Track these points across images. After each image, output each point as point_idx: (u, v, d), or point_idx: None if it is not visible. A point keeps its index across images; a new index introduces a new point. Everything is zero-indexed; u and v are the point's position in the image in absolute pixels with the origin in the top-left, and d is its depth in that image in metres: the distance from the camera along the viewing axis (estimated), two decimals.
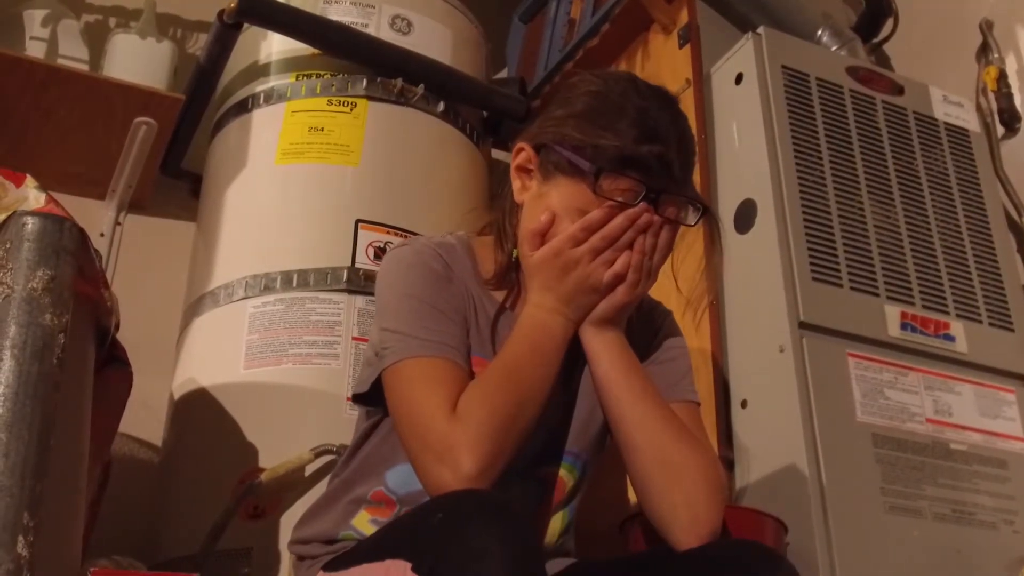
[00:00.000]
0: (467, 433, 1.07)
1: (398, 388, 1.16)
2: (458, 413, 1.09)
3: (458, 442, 1.07)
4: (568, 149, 1.20)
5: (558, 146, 1.21)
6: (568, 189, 1.20)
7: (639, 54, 2.17)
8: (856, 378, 1.65)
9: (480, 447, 1.07)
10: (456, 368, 1.15)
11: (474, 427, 1.08)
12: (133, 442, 1.96)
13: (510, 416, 1.11)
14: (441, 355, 1.15)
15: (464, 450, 1.06)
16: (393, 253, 1.28)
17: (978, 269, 1.89)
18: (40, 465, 0.98)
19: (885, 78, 2.01)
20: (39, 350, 1.02)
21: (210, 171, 2.05)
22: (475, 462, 1.06)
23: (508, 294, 1.27)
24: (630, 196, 1.18)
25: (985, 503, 1.66)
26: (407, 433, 1.13)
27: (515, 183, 1.27)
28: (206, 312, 1.81)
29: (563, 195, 1.20)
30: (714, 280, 1.26)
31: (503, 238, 1.28)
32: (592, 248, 1.17)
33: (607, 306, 1.20)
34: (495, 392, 1.12)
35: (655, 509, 1.16)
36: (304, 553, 1.26)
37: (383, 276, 1.26)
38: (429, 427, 1.10)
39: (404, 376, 1.15)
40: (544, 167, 1.23)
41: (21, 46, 2.01)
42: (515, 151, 1.28)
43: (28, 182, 1.15)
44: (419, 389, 1.13)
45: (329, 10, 2.01)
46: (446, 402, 1.10)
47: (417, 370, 1.15)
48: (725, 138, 1.89)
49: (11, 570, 0.93)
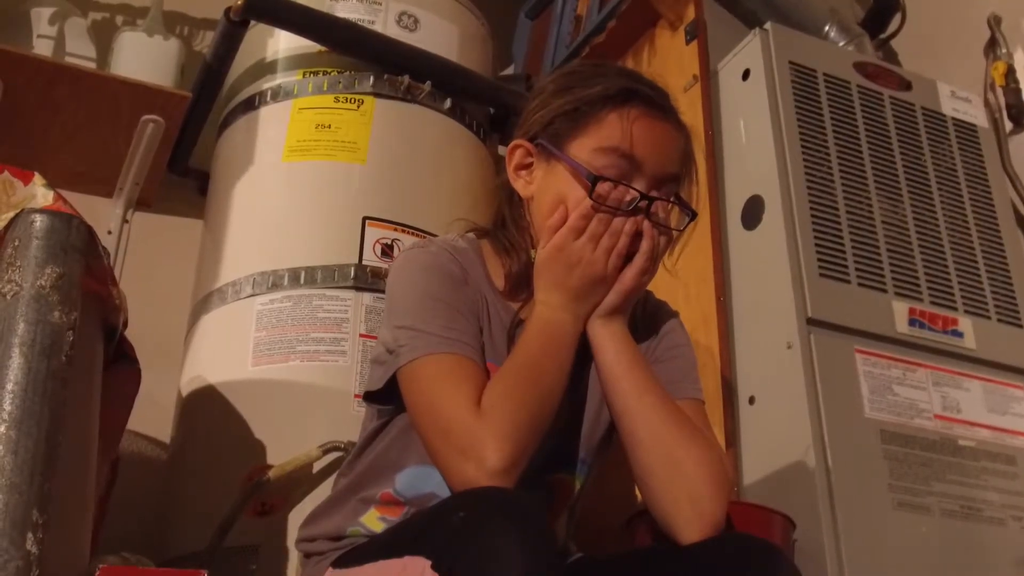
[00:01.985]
0: (493, 428, 1.07)
1: (418, 385, 1.14)
2: (483, 408, 1.09)
3: (484, 436, 1.06)
4: (560, 147, 1.22)
5: (549, 143, 1.23)
6: (570, 171, 1.21)
7: (646, 50, 2.17)
8: (864, 374, 1.65)
9: (507, 442, 1.06)
10: (475, 365, 1.15)
11: (499, 422, 1.07)
12: (141, 439, 1.97)
13: (532, 412, 1.10)
14: (461, 352, 1.15)
15: (490, 445, 1.06)
16: (407, 254, 1.26)
17: (986, 265, 1.88)
18: (49, 462, 0.98)
19: (893, 74, 2.01)
20: (48, 347, 1.02)
21: (217, 168, 2.05)
22: (501, 457, 1.05)
23: (524, 303, 1.26)
24: (624, 193, 1.19)
25: (994, 499, 1.66)
26: (429, 429, 1.12)
27: (517, 183, 1.27)
28: (214, 309, 1.81)
29: (568, 180, 1.21)
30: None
31: (513, 247, 1.27)
32: (592, 235, 1.17)
33: (615, 295, 1.20)
34: (516, 388, 1.11)
35: (658, 503, 1.15)
36: (311, 550, 1.26)
37: (397, 276, 1.25)
38: (453, 421, 1.09)
39: (424, 373, 1.14)
40: (543, 153, 1.24)
41: (28, 44, 2.02)
42: (509, 152, 1.28)
43: (36, 180, 1.15)
44: (441, 385, 1.12)
45: (336, 7, 2.01)
46: (469, 399, 1.09)
47: (438, 367, 1.13)
48: (732, 134, 1.89)
49: (20, 567, 0.93)
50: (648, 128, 1.21)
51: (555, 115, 1.23)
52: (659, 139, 1.22)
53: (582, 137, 1.21)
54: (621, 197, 1.19)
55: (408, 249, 1.29)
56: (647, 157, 1.20)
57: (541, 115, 1.25)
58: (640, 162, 1.19)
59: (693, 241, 1.29)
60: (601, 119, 1.21)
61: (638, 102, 1.21)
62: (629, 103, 1.21)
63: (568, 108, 1.22)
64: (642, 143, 1.20)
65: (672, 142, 1.24)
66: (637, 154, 1.19)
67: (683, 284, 1.80)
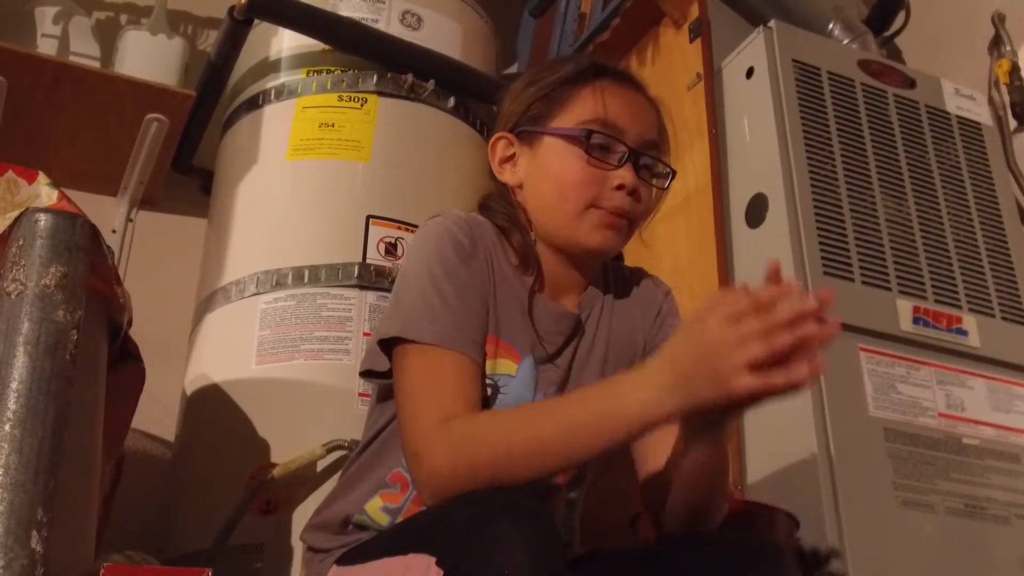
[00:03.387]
0: (448, 458, 1.04)
1: (404, 373, 1.15)
2: (452, 430, 1.06)
3: (438, 460, 1.04)
4: (540, 125, 1.25)
5: (530, 127, 1.25)
6: (557, 144, 1.23)
7: (650, 48, 2.17)
8: (868, 372, 1.65)
9: (454, 482, 1.03)
10: (466, 363, 1.14)
11: (456, 459, 1.04)
12: (146, 438, 1.97)
13: (498, 477, 1.02)
14: (456, 348, 1.14)
15: (440, 473, 1.04)
16: (425, 227, 1.26)
17: (991, 263, 1.88)
18: (54, 461, 0.99)
19: (897, 71, 2.01)
20: (52, 346, 1.03)
21: (221, 167, 2.05)
22: (445, 488, 1.03)
23: (536, 278, 1.26)
24: (615, 160, 1.21)
25: (998, 497, 1.65)
26: (402, 415, 1.13)
27: (504, 175, 1.29)
28: (218, 308, 1.81)
29: (557, 152, 1.23)
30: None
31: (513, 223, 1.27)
32: (751, 333, 0.91)
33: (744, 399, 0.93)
34: (507, 453, 1.03)
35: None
36: (316, 545, 1.26)
37: (412, 247, 1.26)
38: (418, 422, 1.09)
39: (412, 363, 1.14)
40: (525, 138, 1.27)
41: (33, 43, 2.02)
42: (491, 147, 1.30)
43: (40, 179, 1.15)
44: (423, 382, 1.12)
45: (340, 6, 2.01)
46: (441, 409, 1.08)
47: (427, 361, 1.13)
48: (736, 132, 1.89)
49: (25, 565, 0.93)
50: (622, 97, 1.25)
51: (530, 102, 1.27)
52: (634, 106, 1.25)
53: (561, 115, 1.24)
54: (609, 157, 1.21)
55: (428, 220, 1.28)
56: (627, 124, 1.23)
57: (516, 105, 1.28)
58: (621, 129, 1.22)
59: (697, 239, 1.29)
60: (576, 96, 1.24)
61: (608, 76, 1.25)
62: (600, 77, 1.25)
63: (542, 94, 1.26)
64: (619, 112, 1.23)
65: (647, 110, 1.27)
66: (617, 122, 1.22)
67: (687, 283, 1.80)
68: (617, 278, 1.34)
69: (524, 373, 1.23)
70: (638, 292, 1.34)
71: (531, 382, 1.23)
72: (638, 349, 1.31)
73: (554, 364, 1.25)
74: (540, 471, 1.03)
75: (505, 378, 1.21)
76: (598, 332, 1.29)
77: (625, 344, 1.30)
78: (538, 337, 1.23)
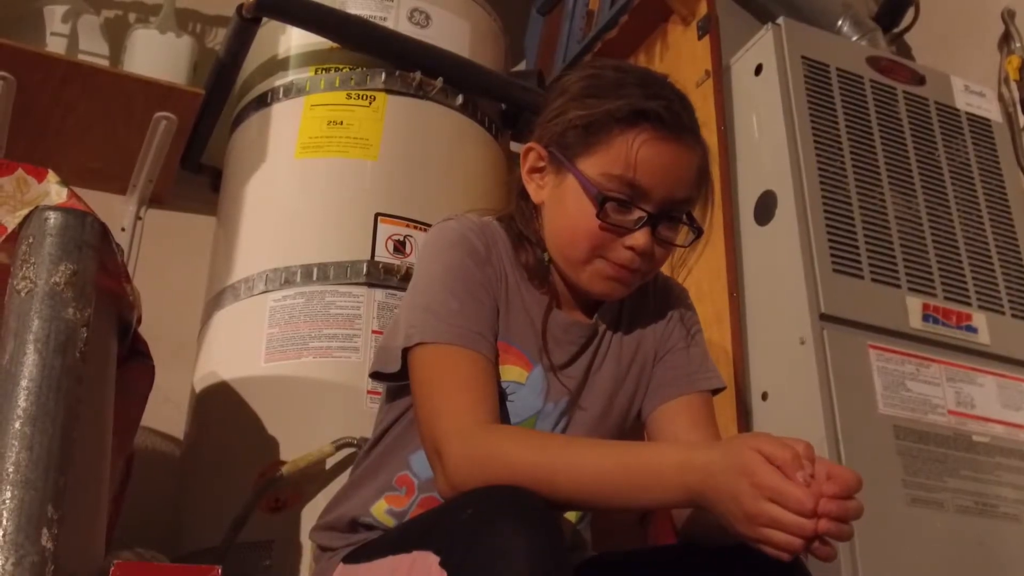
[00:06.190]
0: (467, 465, 1.05)
1: (422, 373, 1.14)
2: (474, 442, 1.06)
3: (458, 463, 1.05)
4: (571, 161, 1.20)
5: (561, 155, 1.21)
6: (578, 187, 1.19)
7: (658, 46, 2.17)
8: (878, 370, 1.64)
9: (468, 484, 1.04)
10: (482, 361, 1.14)
11: (469, 467, 1.05)
12: (155, 435, 1.97)
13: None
14: (472, 347, 1.14)
15: (457, 477, 1.05)
16: (437, 228, 1.26)
17: (1000, 260, 1.88)
18: (64, 458, 0.99)
19: (906, 68, 2.00)
20: (62, 344, 1.03)
21: (230, 165, 2.05)
22: (460, 483, 1.05)
23: (551, 298, 1.25)
24: (632, 223, 1.17)
25: (1008, 495, 1.65)
26: (421, 416, 1.13)
27: (529, 186, 1.26)
28: (227, 306, 1.82)
29: (577, 195, 1.19)
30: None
31: (526, 240, 1.27)
32: (781, 519, 0.97)
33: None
34: (527, 469, 1.03)
35: None
36: (325, 543, 1.26)
37: (424, 250, 1.25)
38: (441, 422, 1.09)
39: (429, 361, 1.14)
40: (555, 162, 1.23)
41: (42, 42, 2.02)
42: (524, 153, 1.27)
43: (50, 177, 1.15)
44: (441, 382, 1.12)
45: (348, 4, 2.01)
46: (463, 410, 1.09)
47: (444, 359, 1.13)
48: (745, 130, 1.88)
49: (36, 562, 0.94)
50: (656, 153, 1.17)
51: (568, 127, 1.21)
52: (668, 164, 1.18)
53: (592, 157, 1.19)
54: (626, 218, 1.18)
55: (440, 222, 1.27)
56: (654, 185, 1.17)
57: (557, 123, 1.23)
58: (646, 190, 1.17)
59: (706, 238, 1.28)
60: (610, 142, 1.17)
61: (648, 124, 1.17)
62: (638, 126, 1.17)
63: (581, 123, 1.20)
64: (649, 171, 1.16)
65: (683, 166, 1.20)
66: (643, 183, 1.17)
67: (696, 281, 1.80)
68: None
69: (534, 381, 1.23)
70: (654, 296, 1.33)
71: (541, 391, 1.23)
72: (650, 358, 1.31)
73: (566, 374, 1.25)
74: (551, 500, 1.02)
75: (514, 385, 1.22)
76: (613, 342, 1.29)
77: (640, 354, 1.30)
78: (547, 346, 1.23)
